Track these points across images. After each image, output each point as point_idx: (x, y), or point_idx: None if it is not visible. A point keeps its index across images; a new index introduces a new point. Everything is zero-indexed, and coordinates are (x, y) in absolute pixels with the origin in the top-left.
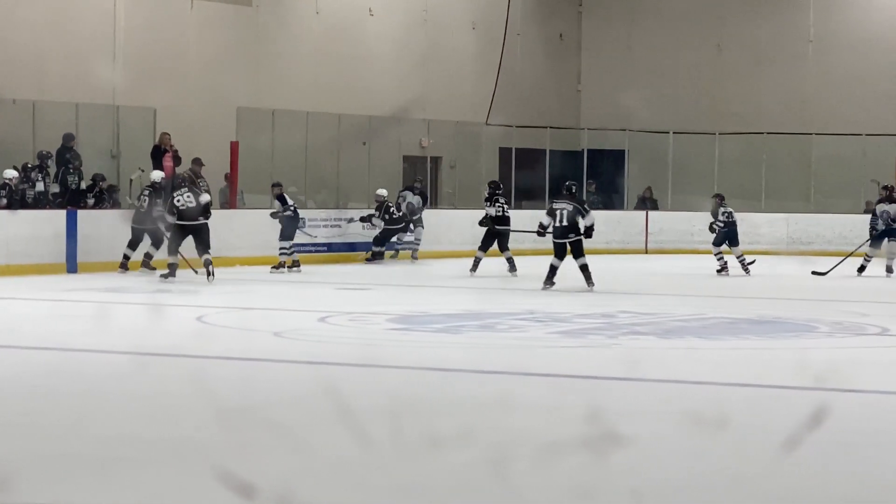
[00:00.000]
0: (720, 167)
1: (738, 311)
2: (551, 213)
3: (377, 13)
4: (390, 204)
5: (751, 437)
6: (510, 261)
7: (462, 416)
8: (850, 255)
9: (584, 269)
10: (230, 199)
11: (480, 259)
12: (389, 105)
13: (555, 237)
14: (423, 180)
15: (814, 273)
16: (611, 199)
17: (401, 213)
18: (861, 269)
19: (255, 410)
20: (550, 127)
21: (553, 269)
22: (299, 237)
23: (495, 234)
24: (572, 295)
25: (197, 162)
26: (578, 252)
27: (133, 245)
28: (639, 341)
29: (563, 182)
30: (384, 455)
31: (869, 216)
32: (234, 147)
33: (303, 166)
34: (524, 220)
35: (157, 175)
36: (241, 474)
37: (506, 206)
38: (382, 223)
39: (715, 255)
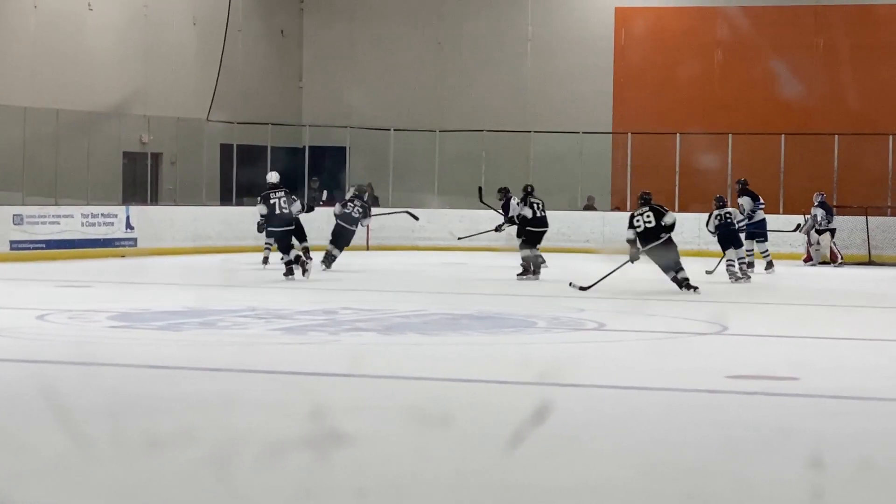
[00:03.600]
0: (441, 164)
1: (459, 306)
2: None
3: (96, 7)
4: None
5: (474, 432)
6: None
7: (183, 414)
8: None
9: None
10: None
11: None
12: (109, 100)
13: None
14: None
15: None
16: (332, 196)
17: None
18: (750, 265)
19: None
20: (272, 123)
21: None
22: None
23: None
24: (294, 291)
25: None
26: None
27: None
28: (361, 337)
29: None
30: (103, 455)
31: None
32: None
33: (20, 162)
34: (248, 216)
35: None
36: None
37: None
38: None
39: None
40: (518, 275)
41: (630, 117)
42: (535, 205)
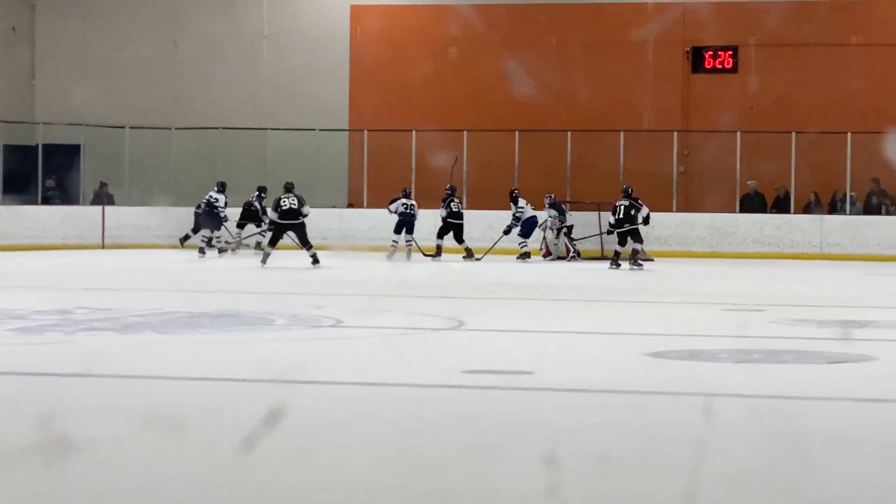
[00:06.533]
0: (176, 162)
1: (196, 305)
2: None
3: None
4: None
5: (212, 432)
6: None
7: None
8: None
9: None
10: None
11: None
12: None
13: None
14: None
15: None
16: (67, 194)
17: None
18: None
19: None
20: (3, 121)
21: None
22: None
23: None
24: (29, 291)
25: None
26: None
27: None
28: (97, 337)
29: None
30: None
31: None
32: None
33: None
34: None
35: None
36: None
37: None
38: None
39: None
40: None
41: (366, 115)
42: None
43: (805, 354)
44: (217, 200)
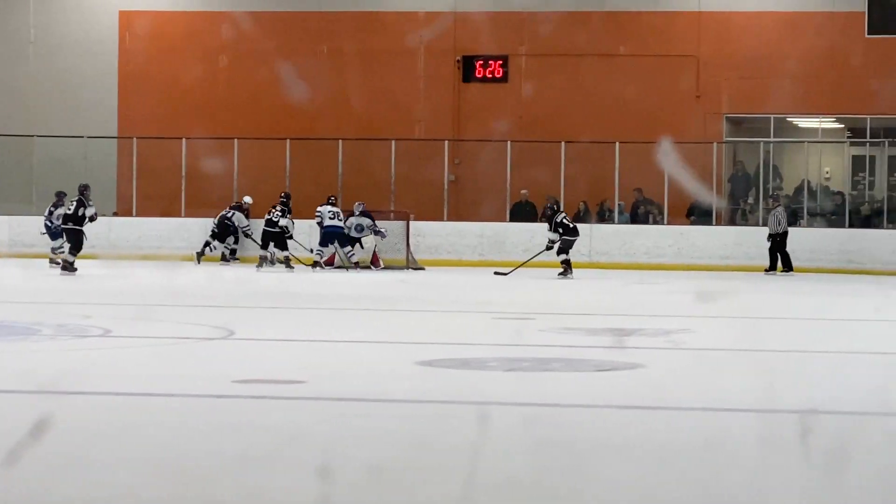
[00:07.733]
0: None
1: None
2: None
3: None
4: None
5: None
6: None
7: None
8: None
9: None
10: None
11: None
12: None
13: None
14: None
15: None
16: None
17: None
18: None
19: None
20: None
21: None
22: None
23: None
24: None
25: None
26: None
27: None
28: None
29: None
30: None
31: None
32: None
33: None
34: None
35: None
36: None
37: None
38: None
39: None
40: None
41: (135, 122)
42: None
43: (574, 362)
44: (51, 213)
